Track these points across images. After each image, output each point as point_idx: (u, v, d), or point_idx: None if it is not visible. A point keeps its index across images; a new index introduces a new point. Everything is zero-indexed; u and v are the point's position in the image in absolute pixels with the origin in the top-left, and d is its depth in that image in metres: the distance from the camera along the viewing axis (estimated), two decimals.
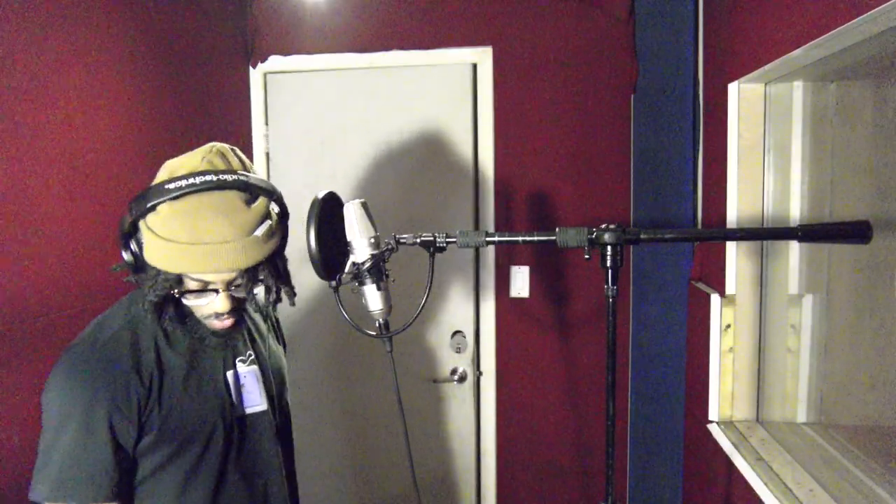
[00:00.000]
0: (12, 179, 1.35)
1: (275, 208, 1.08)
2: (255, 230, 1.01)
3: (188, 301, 1.06)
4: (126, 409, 1.02)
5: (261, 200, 1.03)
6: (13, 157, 1.36)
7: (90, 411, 0.99)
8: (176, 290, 1.03)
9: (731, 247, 1.60)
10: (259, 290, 1.10)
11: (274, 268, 1.08)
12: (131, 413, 1.02)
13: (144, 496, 1.08)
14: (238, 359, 1.19)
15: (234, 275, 1.02)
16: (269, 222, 1.03)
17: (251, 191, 1.02)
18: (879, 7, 0.92)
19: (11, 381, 1.33)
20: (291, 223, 1.14)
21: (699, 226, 1.82)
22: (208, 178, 0.97)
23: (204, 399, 1.11)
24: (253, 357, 1.22)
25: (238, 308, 1.09)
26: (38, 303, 1.41)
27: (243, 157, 1.09)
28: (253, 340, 1.25)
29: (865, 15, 0.96)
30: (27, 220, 1.39)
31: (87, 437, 0.99)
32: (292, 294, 1.14)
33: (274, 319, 1.41)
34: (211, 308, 1.06)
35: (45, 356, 1.42)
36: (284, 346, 1.43)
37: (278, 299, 1.13)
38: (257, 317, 1.31)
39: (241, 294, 1.06)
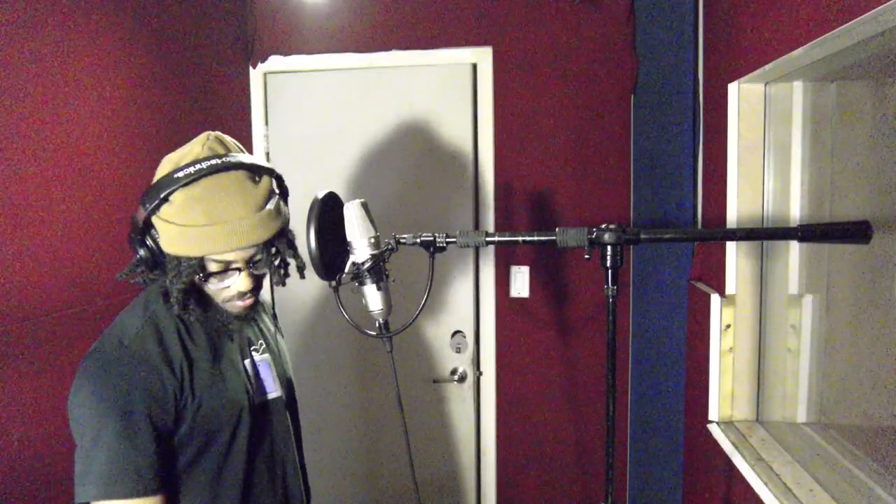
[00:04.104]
0: (12, 179, 1.35)
1: (277, 187, 1.12)
2: (265, 205, 1.05)
3: (211, 285, 1.08)
4: (163, 401, 1.04)
5: (265, 178, 1.07)
6: (13, 158, 1.36)
7: (129, 408, 1.00)
8: (199, 275, 1.05)
9: (731, 247, 1.60)
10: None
11: (288, 241, 1.12)
12: (168, 405, 1.04)
13: (183, 486, 1.10)
14: (252, 348, 1.22)
15: (253, 251, 1.06)
16: (276, 197, 1.08)
17: (255, 170, 1.05)
18: (879, 7, 0.92)
19: (12, 380, 1.33)
20: (292, 224, 1.16)
21: (699, 226, 1.82)
22: (213, 161, 1.01)
23: (229, 388, 1.14)
24: (265, 346, 1.25)
25: (257, 287, 1.13)
26: (38, 303, 1.41)
27: (237, 142, 1.13)
28: (261, 330, 1.28)
29: (865, 15, 0.96)
30: (27, 220, 1.39)
31: (129, 433, 1.00)
32: (303, 266, 1.17)
33: (271, 311, 1.46)
34: (234, 289, 1.09)
35: (45, 355, 1.42)
36: (281, 336, 1.47)
37: (287, 274, 1.16)
38: (259, 308, 1.34)
39: (261, 270, 1.10)
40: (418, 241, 1.11)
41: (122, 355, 1.04)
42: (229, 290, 1.09)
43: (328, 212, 1.10)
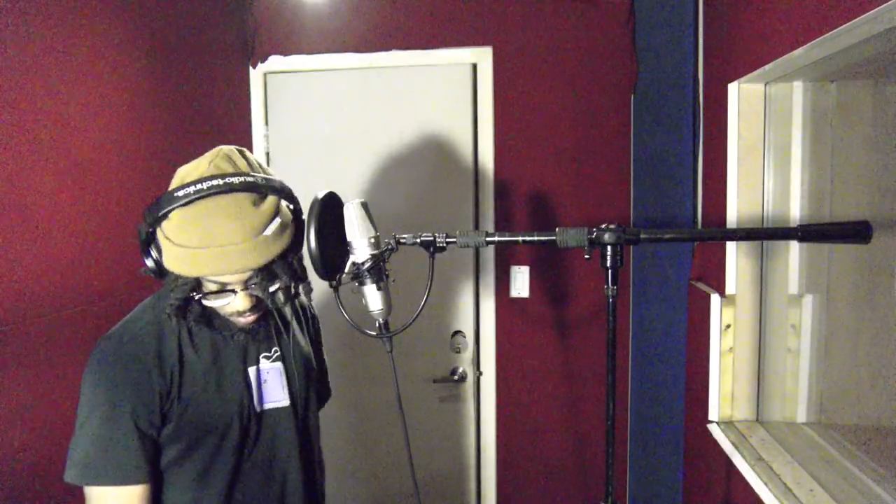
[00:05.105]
0: (12, 179, 1.35)
1: (287, 206, 1.10)
2: (264, 230, 1.03)
3: (209, 302, 1.09)
4: (148, 399, 1.07)
5: (270, 199, 1.05)
6: (13, 157, 1.36)
7: (114, 401, 1.05)
8: (196, 293, 1.06)
9: (731, 247, 1.59)
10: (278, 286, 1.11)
11: (288, 264, 1.10)
12: (153, 404, 1.07)
13: (167, 484, 1.13)
14: (262, 355, 1.22)
15: (248, 274, 1.06)
16: (278, 220, 1.05)
17: (258, 191, 1.04)
18: (879, 7, 0.92)
19: (12, 380, 1.33)
20: None
21: (699, 226, 1.81)
22: (215, 182, 0.99)
23: (222, 395, 1.14)
24: (278, 353, 1.24)
25: (259, 304, 1.12)
26: (38, 302, 1.41)
27: (251, 157, 1.11)
28: (279, 335, 1.27)
29: (865, 15, 0.96)
30: (27, 220, 1.39)
31: (111, 425, 1.04)
32: (309, 290, 1.16)
33: (309, 314, 1.43)
34: (232, 307, 1.09)
35: (45, 355, 1.42)
36: (320, 342, 1.46)
37: (296, 294, 1.14)
38: (287, 310, 1.32)
39: (258, 292, 1.09)
40: (418, 241, 1.11)
41: (118, 351, 1.08)
42: (229, 306, 1.10)
43: (328, 212, 1.09)
